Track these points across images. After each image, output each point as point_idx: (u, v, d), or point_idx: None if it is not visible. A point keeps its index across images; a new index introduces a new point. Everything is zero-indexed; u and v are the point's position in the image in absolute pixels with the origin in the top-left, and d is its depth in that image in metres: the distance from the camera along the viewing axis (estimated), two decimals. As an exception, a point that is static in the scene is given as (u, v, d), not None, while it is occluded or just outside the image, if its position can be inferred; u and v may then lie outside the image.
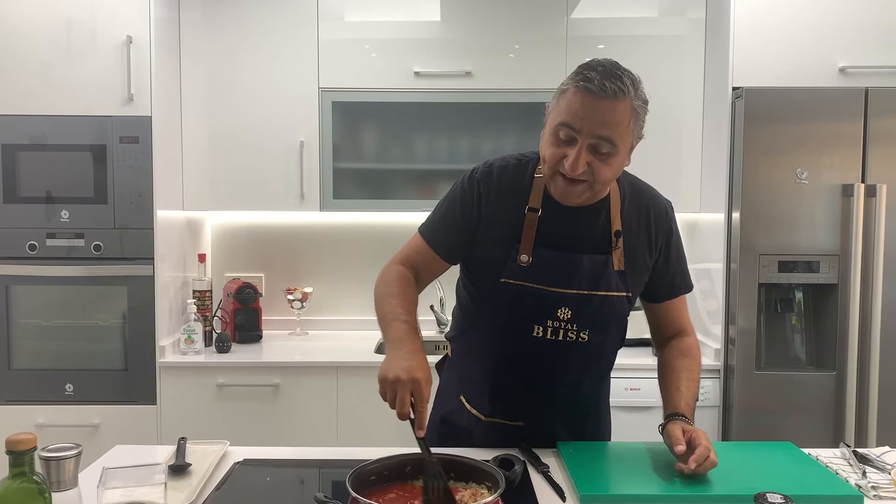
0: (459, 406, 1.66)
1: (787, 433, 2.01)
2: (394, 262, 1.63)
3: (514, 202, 1.54)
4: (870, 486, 1.40)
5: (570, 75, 1.45)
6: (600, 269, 1.52)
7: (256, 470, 1.55)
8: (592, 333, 1.54)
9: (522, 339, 1.54)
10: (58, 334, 2.78)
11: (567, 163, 1.40)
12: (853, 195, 2.56)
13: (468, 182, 1.58)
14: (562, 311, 1.52)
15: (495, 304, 1.55)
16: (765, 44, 2.67)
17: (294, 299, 3.23)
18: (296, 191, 3.03)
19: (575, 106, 1.39)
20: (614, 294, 1.54)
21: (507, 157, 1.61)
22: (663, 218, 1.61)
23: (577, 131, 1.39)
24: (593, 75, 1.39)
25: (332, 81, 3.01)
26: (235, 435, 1.95)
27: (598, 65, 1.43)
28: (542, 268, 1.51)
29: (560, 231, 1.52)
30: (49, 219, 2.75)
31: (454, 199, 1.59)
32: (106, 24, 2.70)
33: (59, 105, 2.72)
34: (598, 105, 1.38)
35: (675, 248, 1.64)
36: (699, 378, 1.62)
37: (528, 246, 1.51)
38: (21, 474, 1.04)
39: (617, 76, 1.40)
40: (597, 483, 1.42)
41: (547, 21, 3.00)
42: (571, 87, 1.42)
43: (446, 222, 1.60)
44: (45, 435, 2.61)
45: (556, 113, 1.44)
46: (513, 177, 1.57)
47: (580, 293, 1.52)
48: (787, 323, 2.75)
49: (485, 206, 1.55)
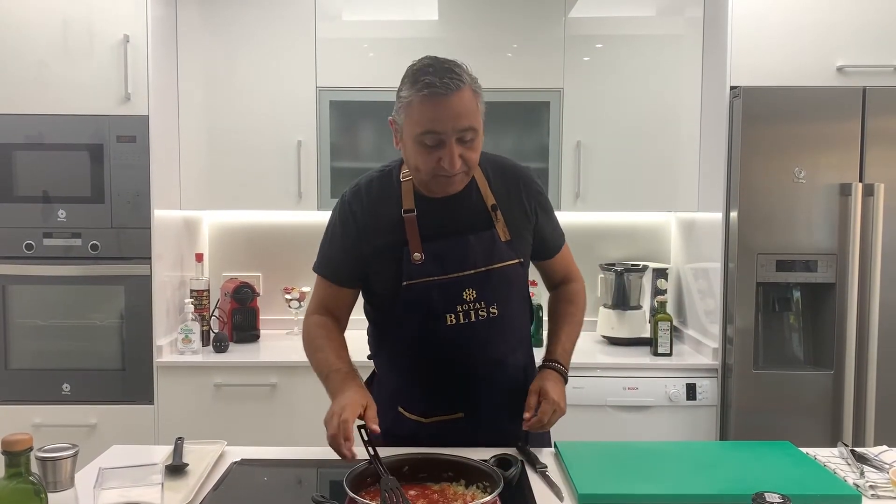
0: (399, 416, 1.69)
1: (785, 432, 2.01)
2: (308, 315, 1.72)
3: (388, 209, 1.61)
4: (868, 486, 1.40)
5: (406, 85, 1.51)
6: (489, 244, 1.60)
7: (254, 470, 1.54)
8: (500, 306, 1.61)
9: (439, 330, 1.59)
10: (55, 334, 2.77)
11: (445, 163, 1.48)
12: (851, 194, 2.56)
13: (340, 206, 1.67)
14: (467, 292, 1.59)
15: (405, 308, 1.60)
16: (763, 43, 2.67)
17: (291, 299, 3.23)
18: (293, 190, 3.02)
19: (429, 112, 1.46)
20: (507, 263, 1.62)
21: (369, 172, 1.69)
22: (531, 183, 1.70)
23: (442, 133, 1.46)
24: (432, 79, 1.45)
25: (329, 81, 3.00)
26: (233, 435, 1.95)
27: (428, 67, 1.49)
28: (436, 260, 1.58)
29: (440, 222, 1.59)
30: (46, 218, 2.74)
31: (334, 227, 1.68)
32: (103, 23, 2.70)
33: (55, 104, 2.71)
34: (448, 103, 1.45)
35: (546, 208, 1.73)
36: (581, 321, 1.78)
37: (417, 244, 1.58)
38: (17, 475, 1.04)
39: (449, 69, 1.48)
40: (595, 483, 1.41)
41: (545, 20, 3.00)
42: (416, 97, 1.47)
43: (333, 251, 1.68)
44: (41, 435, 2.61)
45: (411, 125, 1.49)
46: (379, 186, 1.64)
47: (478, 271, 1.59)
48: (784, 322, 2.75)
49: (360, 221, 1.62)
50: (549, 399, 1.57)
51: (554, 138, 3.02)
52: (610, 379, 2.74)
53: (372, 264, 1.63)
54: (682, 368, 2.77)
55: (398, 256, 1.58)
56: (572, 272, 1.83)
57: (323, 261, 1.71)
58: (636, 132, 3.01)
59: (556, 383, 1.63)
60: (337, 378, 1.58)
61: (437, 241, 1.58)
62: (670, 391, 2.71)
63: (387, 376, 1.77)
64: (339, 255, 1.66)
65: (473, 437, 1.62)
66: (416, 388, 1.68)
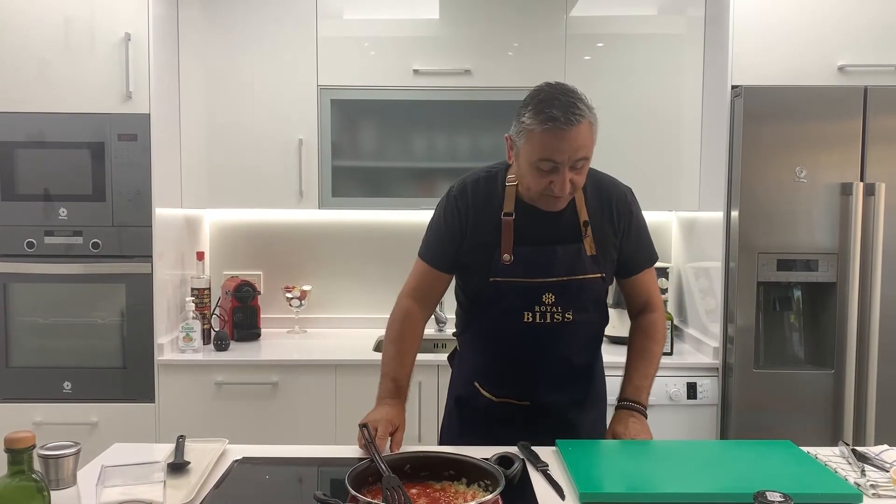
0: (474, 391, 1.83)
1: (786, 432, 2.00)
2: (402, 297, 1.85)
3: (490, 210, 1.73)
4: (869, 485, 1.40)
5: (530, 114, 1.57)
6: (574, 257, 1.71)
7: (255, 468, 1.55)
8: (575, 313, 1.73)
9: (516, 325, 1.72)
10: (56, 332, 2.78)
11: (556, 189, 1.59)
12: (852, 194, 2.56)
13: (447, 201, 1.79)
14: (546, 296, 1.70)
15: (489, 300, 1.74)
16: (764, 42, 2.67)
17: (293, 297, 3.23)
18: (294, 189, 3.02)
19: (550, 143, 1.55)
20: (589, 276, 1.73)
21: (475, 172, 1.80)
22: (623, 203, 1.78)
23: (559, 162, 1.56)
24: (557, 113, 1.53)
25: (330, 79, 3.01)
26: (234, 433, 1.95)
27: (553, 99, 1.56)
28: (522, 263, 1.70)
29: (534, 229, 1.70)
30: (47, 216, 2.74)
31: (439, 218, 1.80)
32: (104, 21, 2.70)
33: (57, 102, 2.71)
34: (569, 135, 1.54)
35: (637, 227, 1.81)
36: (659, 355, 1.85)
37: (509, 246, 1.70)
38: (19, 472, 1.04)
39: (573, 104, 1.55)
40: (596, 481, 1.42)
41: (546, 19, 3.00)
42: (538, 128, 1.55)
43: (437, 240, 1.80)
44: (42, 433, 2.59)
45: (530, 151, 1.58)
46: (485, 187, 1.76)
47: (560, 280, 1.70)
48: (785, 321, 2.75)
49: (464, 218, 1.75)
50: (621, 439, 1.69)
51: (555, 137, 3.02)
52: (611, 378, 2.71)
53: (467, 257, 1.76)
54: (682, 367, 2.77)
55: (490, 253, 1.71)
56: (653, 300, 1.87)
57: (426, 247, 1.83)
58: (637, 131, 3.01)
59: (629, 421, 1.72)
60: (387, 386, 1.75)
61: (528, 247, 1.70)
62: (671, 390, 2.72)
63: (468, 353, 1.90)
64: (441, 245, 1.79)
65: (534, 425, 1.75)
66: (490, 370, 1.82)
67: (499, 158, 3.23)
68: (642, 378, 1.79)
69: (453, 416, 1.89)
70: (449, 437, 1.88)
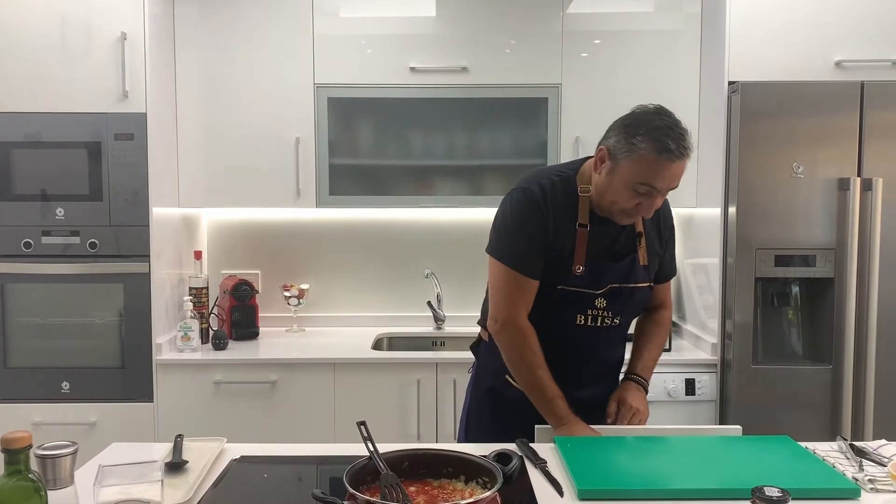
0: (505, 382, 1.83)
1: (784, 427, 2.01)
2: (514, 320, 1.74)
3: (568, 216, 1.73)
4: (867, 480, 1.40)
5: (644, 137, 1.60)
6: (629, 266, 1.77)
7: (254, 467, 1.55)
8: (622, 318, 1.80)
9: (567, 326, 1.76)
10: (54, 332, 2.77)
11: (643, 210, 1.67)
12: (849, 189, 2.56)
13: (528, 201, 1.72)
14: (599, 300, 1.75)
15: (547, 304, 1.74)
16: (761, 38, 2.67)
17: (291, 296, 3.23)
18: (292, 187, 3.02)
19: (659, 171, 1.60)
20: (641, 285, 1.80)
21: (546, 174, 1.77)
22: (668, 215, 1.88)
23: (658, 189, 1.63)
24: (672, 145, 1.58)
25: (327, 77, 3.00)
26: (232, 432, 1.95)
27: (669, 130, 1.60)
28: (592, 275, 1.73)
29: (602, 241, 1.75)
30: (44, 216, 2.74)
31: (522, 225, 1.73)
32: (100, 20, 2.69)
33: (53, 102, 2.71)
34: (675, 166, 1.61)
35: (673, 240, 1.92)
36: (663, 343, 1.97)
37: (581, 257, 1.72)
38: (17, 472, 1.04)
39: (683, 137, 1.61)
40: (594, 477, 1.42)
41: (543, 16, 3.00)
42: (651, 154, 1.59)
43: (529, 247, 1.72)
44: (41, 433, 2.61)
45: (634, 172, 1.61)
46: (563, 193, 1.74)
47: (612, 287, 1.75)
48: (783, 317, 2.75)
49: (548, 224, 1.72)
50: (626, 405, 1.78)
51: (552, 134, 3.02)
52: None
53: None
54: (681, 364, 2.77)
55: (564, 261, 1.72)
56: (667, 300, 1.98)
57: (518, 259, 1.73)
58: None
59: (636, 392, 1.82)
60: (562, 407, 1.71)
61: (598, 259, 1.74)
62: (669, 386, 2.72)
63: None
64: (530, 249, 1.72)
65: None
66: None
67: (496, 155, 3.24)
68: (650, 359, 1.88)
69: (484, 404, 1.90)
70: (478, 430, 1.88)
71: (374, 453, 1.32)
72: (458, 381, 2.73)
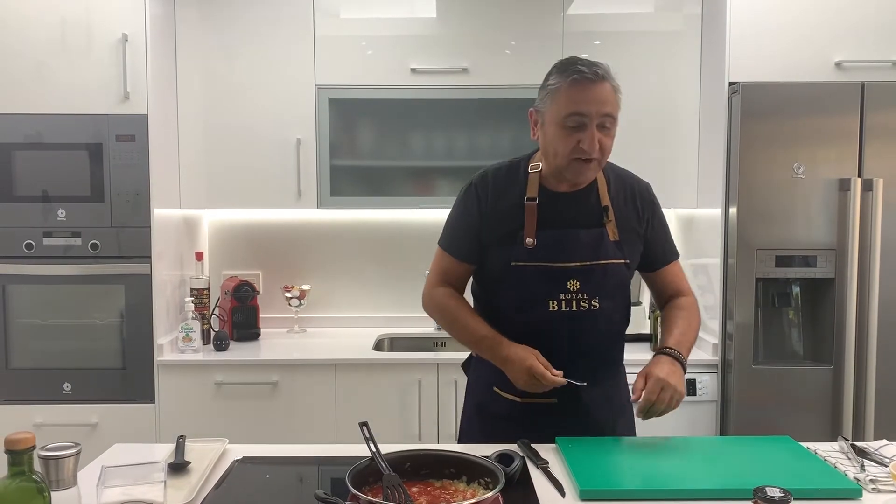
0: (494, 395, 1.77)
1: (785, 427, 2.01)
2: (432, 286, 1.82)
3: (511, 196, 1.73)
4: (868, 480, 1.40)
5: (555, 75, 1.65)
6: (597, 241, 1.71)
7: (256, 468, 1.55)
8: (602, 300, 1.70)
9: (541, 314, 1.69)
10: (55, 333, 2.77)
11: (585, 144, 1.60)
12: (850, 189, 2.56)
13: (468, 191, 1.78)
14: (571, 282, 1.69)
15: (510, 288, 1.71)
16: (761, 39, 2.67)
17: (292, 297, 3.23)
18: (293, 188, 3.02)
19: (577, 96, 1.60)
20: (613, 262, 1.71)
21: (498, 163, 1.82)
22: (647, 193, 1.83)
23: (586, 115, 1.60)
24: (581, 67, 1.60)
25: (328, 78, 3.01)
26: (234, 433, 1.95)
27: (576, 60, 1.64)
28: (546, 247, 1.69)
29: (557, 214, 1.71)
30: (46, 218, 2.74)
31: (459, 208, 1.79)
32: (101, 21, 2.70)
33: (54, 103, 2.71)
34: (595, 89, 1.60)
35: (660, 220, 1.84)
36: (696, 325, 1.79)
37: (532, 230, 1.69)
38: (20, 473, 1.04)
39: (596, 64, 1.63)
40: (596, 478, 1.42)
41: (543, 17, 3.00)
42: (564, 83, 1.62)
43: (458, 230, 1.79)
44: (42, 434, 2.61)
45: (557, 108, 1.63)
46: (506, 175, 1.77)
47: (583, 264, 1.69)
48: (784, 317, 2.76)
49: (483, 204, 1.74)
50: (654, 377, 1.60)
51: (553, 135, 3.02)
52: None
53: (489, 245, 1.74)
54: (682, 364, 2.77)
55: (513, 239, 1.70)
56: (684, 289, 1.86)
57: (447, 238, 1.81)
58: (635, 129, 3.00)
59: (666, 365, 1.63)
60: (493, 342, 1.68)
61: (551, 231, 1.70)
62: (670, 387, 2.72)
63: None
64: (462, 234, 1.77)
65: (564, 424, 1.68)
66: None
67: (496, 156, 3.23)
68: (683, 334, 1.73)
69: (474, 423, 1.83)
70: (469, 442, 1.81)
71: (376, 454, 1.33)
72: (459, 381, 2.73)
